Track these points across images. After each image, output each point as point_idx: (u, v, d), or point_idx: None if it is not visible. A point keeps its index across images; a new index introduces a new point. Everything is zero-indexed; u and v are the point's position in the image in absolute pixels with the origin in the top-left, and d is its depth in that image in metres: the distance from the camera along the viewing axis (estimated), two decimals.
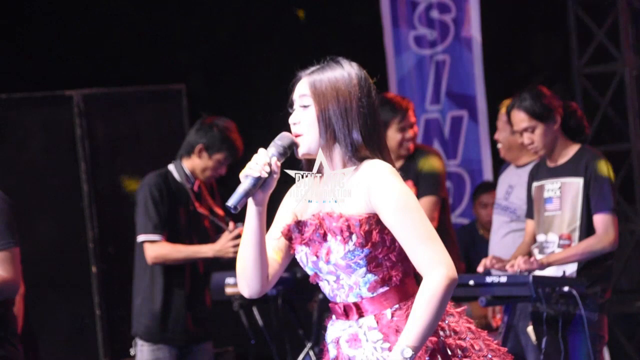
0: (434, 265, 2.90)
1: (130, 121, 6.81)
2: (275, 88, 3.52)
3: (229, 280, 5.90)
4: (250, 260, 3.05)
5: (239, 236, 5.28)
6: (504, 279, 4.74)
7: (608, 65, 7.83)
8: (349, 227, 2.95)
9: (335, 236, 2.97)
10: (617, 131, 7.90)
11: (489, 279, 4.78)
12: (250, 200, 3.01)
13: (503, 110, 5.79)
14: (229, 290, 5.99)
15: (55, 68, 7.63)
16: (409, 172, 5.67)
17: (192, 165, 5.39)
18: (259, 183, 2.98)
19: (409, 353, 2.88)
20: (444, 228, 5.67)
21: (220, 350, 6.66)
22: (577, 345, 4.88)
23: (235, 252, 5.26)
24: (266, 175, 2.98)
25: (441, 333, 2.98)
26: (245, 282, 3.09)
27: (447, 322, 3.01)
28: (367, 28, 8.24)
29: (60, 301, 6.49)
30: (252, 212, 3.03)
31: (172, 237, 5.29)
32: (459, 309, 3.07)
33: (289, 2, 8.42)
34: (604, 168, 4.96)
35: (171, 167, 5.41)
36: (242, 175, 2.99)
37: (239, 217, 5.38)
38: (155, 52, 8.01)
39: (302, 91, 3.05)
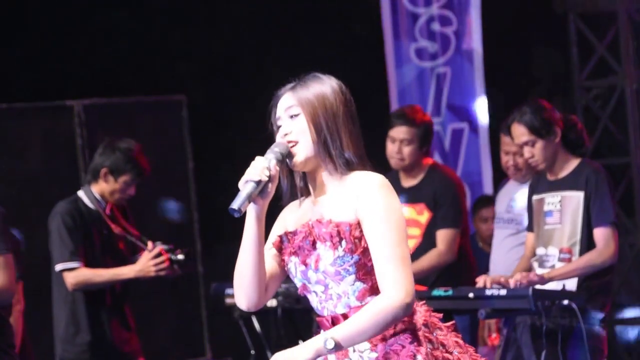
0: (396, 287, 2.89)
1: (131, 131, 6.80)
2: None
3: (229, 290, 5.90)
4: (248, 270, 3.04)
5: (159, 255, 5.30)
6: (503, 292, 4.74)
7: (608, 79, 7.84)
8: (338, 232, 2.95)
9: (324, 242, 2.97)
10: (617, 145, 7.91)
11: (488, 292, 4.78)
12: (249, 209, 3.00)
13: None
14: (228, 301, 5.98)
15: (56, 78, 7.64)
16: (422, 192, 5.62)
17: (100, 189, 5.39)
18: (260, 187, 2.97)
19: (331, 344, 2.89)
20: (464, 252, 5.66)
21: None
22: (577, 358, 4.87)
23: (157, 271, 5.29)
24: (266, 178, 2.97)
25: (429, 345, 2.97)
26: (243, 293, 3.07)
27: (435, 334, 3.01)
28: (368, 40, 8.25)
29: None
30: (251, 220, 3.02)
31: (89, 262, 5.30)
32: (447, 324, 3.06)
33: (289, 13, 8.43)
34: (604, 181, 4.96)
35: (80, 193, 5.41)
36: (241, 182, 2.98)
37: (156, 237, 5.42)
38: (156, 62, 8.02)
39: (289, 103, 3.06)
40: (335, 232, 2.95)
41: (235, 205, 2.95)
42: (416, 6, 8.02)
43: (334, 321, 3.01)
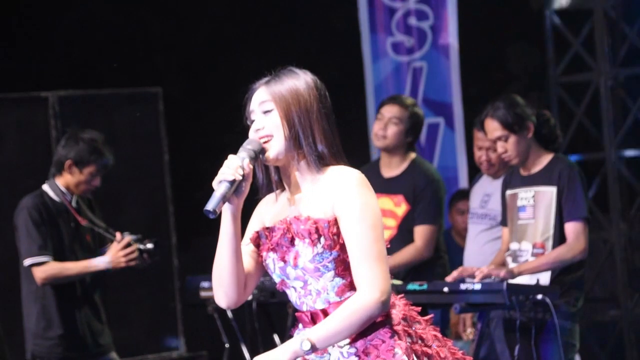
0: (372, 285, 2.90)
1: (106, 123, 6.78)
2: None
3: (204, 284, 5.89)
4: (227, 268, 3.03)
5: (128, 245, 5.30)
6: (478, 287, 4.76)
7: (584, 74, 7.88)
8: (317, 229, 2.94)
9: (303, 239, 2.96)
10: (592, 140, 7.95)
11: (463, 286, 4.79)
12: (225, 208, 2.99)
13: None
14: (203, 294, 5.97)
15: (30, 69, 7.60)
16: (402, 184, 5.62)
17: (65, 181, 5.36)
18: (234, 186, 2.96)
19: (307, 346, 2.90)
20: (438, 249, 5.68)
21: (194, 355, 6.65)
22: (550, 353, 4.90)
23: (127, 261, 5.29)
24: (240, 177, 2.96)
25: (408, 339, 2.98)
26: (222, 291, 3.06)
27: (414, 329, 3.01)
28: (344, 34, 8.26)
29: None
30: (227, 219, 3.00)
31: (57, 255, 5.28)
32: (426, 317, 3.07)
33: (266, 7, 8.42)
34: (577, 177, 4.98)
35: (45, 187, 5.38)
36: (215, 182, 2.97)
37: (132, 231, 5.40)
38: (132, 54, 7.99)
39: (262, 98, 3.04)
40: (313, 229, 2.95)
41: (209, 206, 2.94)
42: (393, 0, 8.03)
43: (313, 317, 3.01)
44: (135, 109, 6.96)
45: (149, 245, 5.35)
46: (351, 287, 2.97)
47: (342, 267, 2.96)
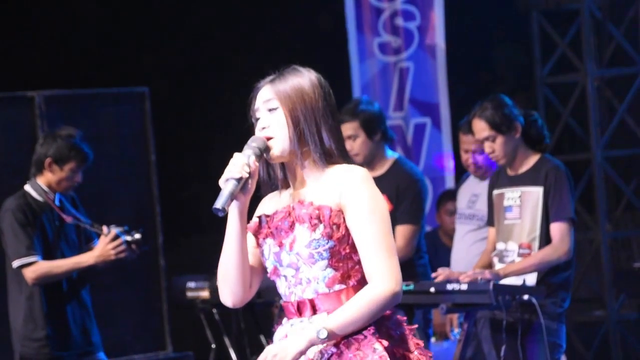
0: (386, 276, 2.93)
1: (93, 123, 6.75)
2: (238, 93, 3.51)
3: (190, 284, 5.88)
4: (233, 266, 3.04)
5: (116, 238, 5.28)
6: (464, 287, 4.76)
7: (570, 75, 7.89)
8: (318, 215, 2.96)
9: (303, 223, 2.97)
10: (578, 141, 7.97)
11: (449, 287, 4.80)
12: (231, 206, 3.00)
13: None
14: (190, 294, 5.97)
15: (16, 68, 7.58)
16: (384, 184, 5.62)
17: (46, 180, 5.33)
18: (241, 184, 2.98)
19: (324, 334, 2.91)
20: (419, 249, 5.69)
21: (180, 355, 6.63)
22: (536, 353, 4.90)
23: (116, 254, 5.27)
24: (247, 175, 2.98)
25: (391, 341, 2.97)
26: (229, 290, 3.07)
27: (398, 332, 3.01)
28: (331, 34, 8.26)
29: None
30: (233, 217, 3.01)
31: (44, 255, 5.26)
32: (411, 327, 3.07)
33: (253, 7, 8.41)
34: (564, 177, 4.99)
35: (27, 187, 5.36)
36: (221, 180, 2.98)
37: (107, 222, 5.39)
38: (119, 54, 7.97)
39: (267, 96, 3.05)
40: (315, 214, 2.96)
41: (218, 204, 2.95)
42: (380, 1, 8.03)
43: (300, 306, 3.01)
44: (122, 109, 6.94)
45: (137, 236, 5.35)
46: (342, 280, 2.99)
47: (336, 258, 2.98)
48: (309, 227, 2.97)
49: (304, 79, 3.05)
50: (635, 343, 7.68)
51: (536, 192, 5.01)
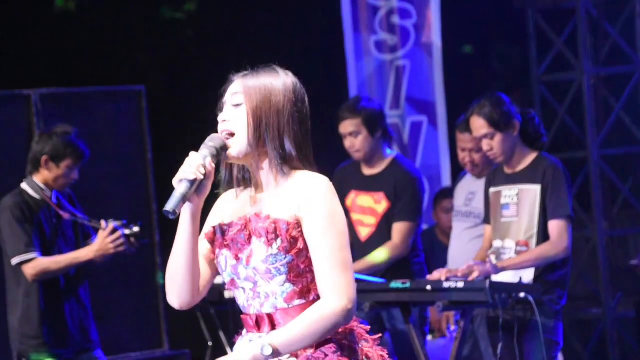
0: (338, 293, 2.82)
1: (89, 122, 6.75)
2: None
3: None
4: (182, 269, 2.94)
5: (114, 231, 5.28)
6: (461, 285, 4.76)
7: (566, 73, 7.90)
8: (275, 229, 2.85)
9: (260, 237, 2.86)
10: (574, 139, 7.97)
11: (446, 284, 4.80)
12: (184, 207, 2.89)
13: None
14: None
15: (13, 67, 7.57)
16: (382, 182, 5.62)
17: (43, 178, 5.33)
18: (195, 186, 2.87)
19: (268, 351, 2.80)
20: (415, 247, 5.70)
21: (177, 353, 6.63)
22: (533, 351, 4.91)
23: (115, 247, 5.26)
24: (202, 177, 2.88)
25: (353, 357, 2.89)
26: (175, 292, 2.96)
27: (360, 346, 2.93)
28: (328, 32, 8.26)
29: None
30: (186, 218, 2.91)
31: (42, 252, 5.26)
32: (374, 337, 3.00)
33: (249, 4, 8.41)
34: (561, 175, 5.00)
35: (24, 185, 5.36)
36: (175, 180, 2.88)
37: (104, 217, 5.39)
38: (116, 52, 7.97)
39: (235, 90, 2.95)
40: (272, 228, 2.85)
41: (169, 207, 2.84)
42: None
43: (258, 320, 2.91)
44: (119, 107, 6.94)
45: (135, 229, 5.34)
46: (301, 295, 2.89)
47: (295, 273, 2.87)
48: (265, 242, 2.85)
49: (277, 80, 2.94)
50: (632, 341, 7.69)
51: (534, 190, 5.01)
